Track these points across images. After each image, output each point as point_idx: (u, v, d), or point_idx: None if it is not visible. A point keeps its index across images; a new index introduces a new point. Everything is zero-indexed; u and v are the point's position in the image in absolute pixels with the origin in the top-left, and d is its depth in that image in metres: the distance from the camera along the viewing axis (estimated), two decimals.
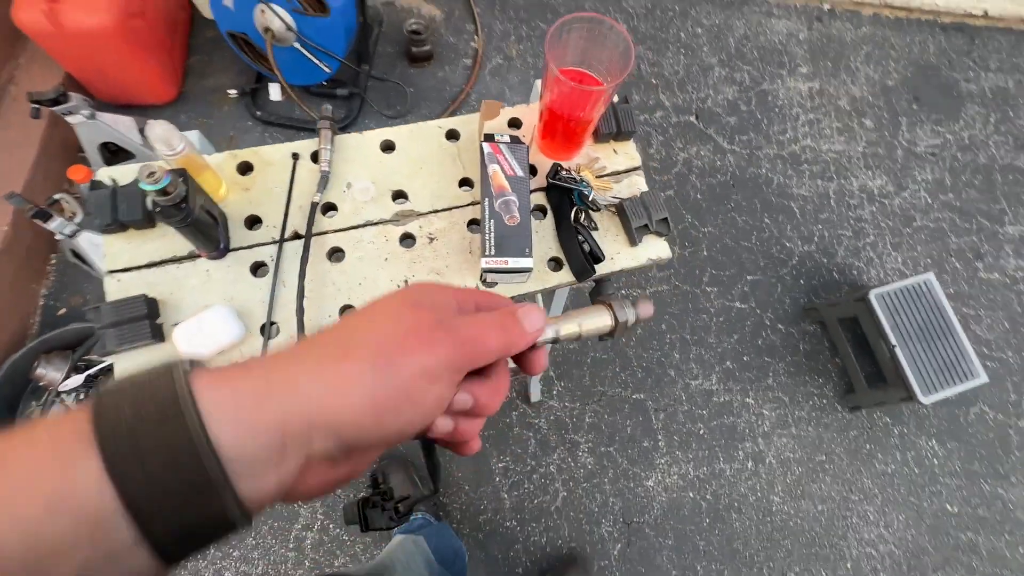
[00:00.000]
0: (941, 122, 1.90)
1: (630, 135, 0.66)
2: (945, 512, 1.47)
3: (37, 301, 1.31)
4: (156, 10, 1.35)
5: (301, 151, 0.62)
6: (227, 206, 0.58)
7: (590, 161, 0.65)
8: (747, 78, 1.85)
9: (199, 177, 0.53)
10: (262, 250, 0.58)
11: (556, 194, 0.62)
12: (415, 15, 1.68)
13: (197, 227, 0.50)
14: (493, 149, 0.58)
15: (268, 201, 0.59)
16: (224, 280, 0.56)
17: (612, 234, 0.64)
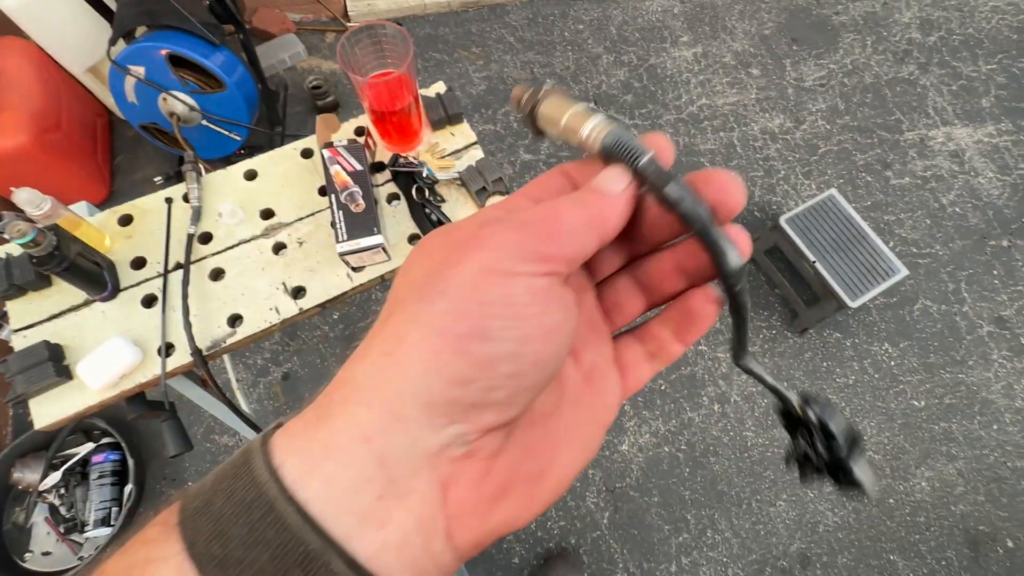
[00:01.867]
0: (822, 55, 2.04)
1: (460, 117, 0.75)
2: (913, 409, 1.52)
3: (7, 411, 1.37)
4: (71, 121, 1.46)
5: (173, 195, 0.70)
6: (114, 254, 0.66)
7: (431, 147, 0.74)
8: (634, 58, 1.98)
9: (78, 232, 0.61)
10: (150, 284, 0.65)
11: (403, 180, 0.71)
12: (315, 73, 1.80)
13: (78, 272, 0.58)
14: (332, 153, 0.67)
15: (150, 243, 0.67)
16: (119, 317, 0.63)
17: (461, 203, 0.72)
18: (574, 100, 0.21)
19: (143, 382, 0.61)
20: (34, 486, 1.25)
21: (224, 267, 0.67)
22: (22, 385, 0.56)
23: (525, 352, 0.17)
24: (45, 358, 0.57)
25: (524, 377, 0.17)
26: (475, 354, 0.16)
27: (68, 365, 0.60)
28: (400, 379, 0.16)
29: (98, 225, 0.66)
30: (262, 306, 0.65)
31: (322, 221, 0.70)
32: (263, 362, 1.45)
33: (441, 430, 0.16)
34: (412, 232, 0.69)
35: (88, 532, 1.21)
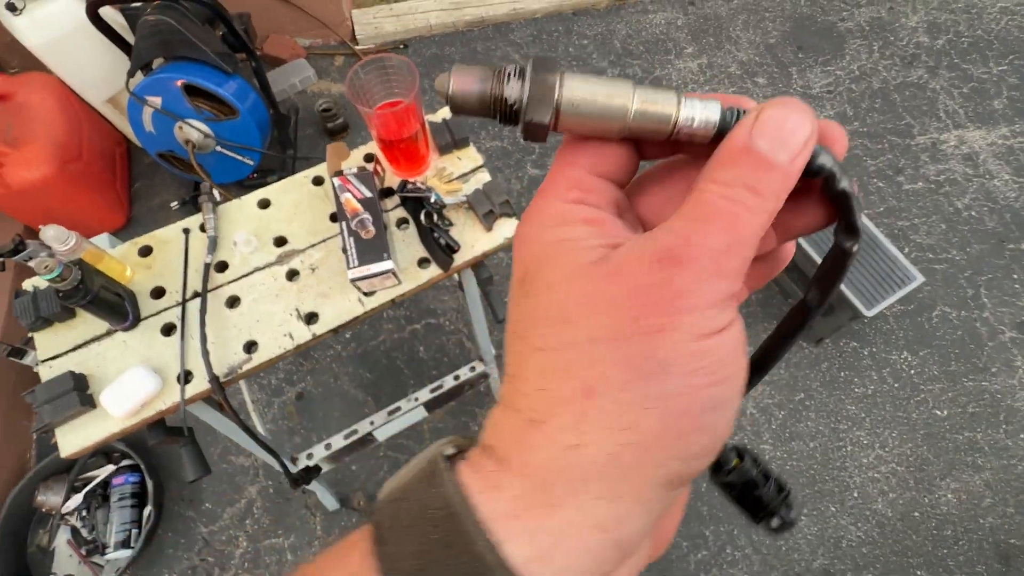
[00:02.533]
0: (829, 62, 2.03)
1: (466, 141, 0.76)
2: (936, 418, 1.49)
3: (31, 436, 1.40)
4: (92, 151, 1.51)
5: (191, 225, 0.72)
6: (134, 284, 0.68)
7: (438, 171, 0.75)
8: (639, 70, 2.00)
9: (100, 265, 0.63)
10: (169, 313, 0.67)
11: (411, 205, 0.72)
12: (325, 96, 1.84)
13: (101, 304, 0.60)
14: (343, 181, 0.68)
15: (169, 273, 0.69)
16: (140, 346, 0.65)
17: (470, 226, 0.73)
18: (600, 78, 0.17)
19: (163, 409, 0.62)
20: (57, 509, 1.27)
21: (240, 295, 0.68)
22: (49, 415, 0.58)
23: (740, 392, 0.17)
24: (70, 388, 0.59)
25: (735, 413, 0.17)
26: (712, 424, 0.16)
27: (92, 394, 0.62)
28: (642, 467, 0.15)
29: (119, 257, 0.68)
30: (276, 332, 0.66)
31: (333, 247, 0.71)
32: (277, 382, 1.47)
33: (669, 496, 0.16)
34: (421, 256, 0.71)
35: (109, 554, 1.23)
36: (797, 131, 0.16)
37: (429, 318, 1.56)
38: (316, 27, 1.92)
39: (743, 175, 0.16)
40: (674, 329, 0.15)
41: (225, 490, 1.34)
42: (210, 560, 1.28)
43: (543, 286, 0.17)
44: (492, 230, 0.72)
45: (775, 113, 0.16)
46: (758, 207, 0.15)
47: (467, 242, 0.71)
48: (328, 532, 1.30)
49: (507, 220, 0.73)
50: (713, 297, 0.15)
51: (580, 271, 0.16)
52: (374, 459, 1.38)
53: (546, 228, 0.18)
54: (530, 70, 0.17)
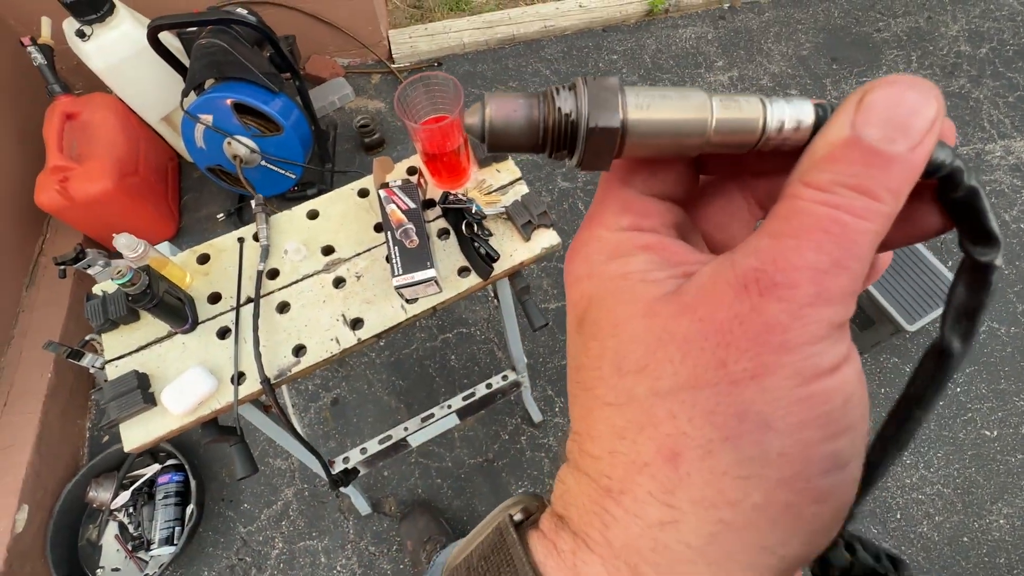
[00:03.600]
0: (864, 72, 2.00)
1: (505, 155, 0.79)
2: (985, 439, 1.42)
3: (84, 434, 1.47)
4: (147, 166, 1.60)
5: (245, 235, 0.76)
6: (192, 290, 0.72)
7: (478, 183, 0.78)
8: (668, 84, 2.00)
9: (164, 271, 0.68)
10: (224, 318, 0.71)
11: (452, 215, 0.75)
12: (362, 112, 1.91)
13: (165, 308, 0.64)
14: (388, 193, 0.71)
15: (224, 279, 0.73)
16: (197, 347, 0.69)
17: (508, 236, 0.75)
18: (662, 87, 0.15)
19: (217, 408, 0.65)
20: (106, 505, 1.33)
21: (289, 301, 0.72)
22: (115, 411, 0.62)
23: (865, 443, 0.14)
24: (134, 386, 0.63)
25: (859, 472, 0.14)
26: (832, 490, 0.13)
27: (153, 392, 0.66)
28: (747, 550, 0.13)
29: (180, 264, 0.73)
30: (323, 337, 0.69)
31: (378, 256, 0.74)
32: (314, 388, 1.52)
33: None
34: (461, 265, 0.73)
35: (153, 551, 1.28)
36: (920, 112, 0.12)
37: (461, 327, 1.58)
38: (355, 47, 2.00)
39: (848, 173, 0.12)
40: (772, 373, 0.12)
41: (263, 492, 1.38)
42: (247, 560, 1.32)
43: (608, 328, 0.14)
44: (530, 240, 0.74)
45: (886, 93, 0.12)
46: (871, 211, 0.12)
47: (506, 252, 0.73)
48: (360, 536, 1.33)
49: (545, 231, 0.75)
50: (819, 329, 0.12)
51: (650, 308, 0.14)
52: (406, 465, 1.41)
53: (601, 262, 0.15)
54: (584, 81, 0.14)
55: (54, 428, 1.37)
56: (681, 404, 0.13)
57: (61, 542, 1.28)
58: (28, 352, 1.42)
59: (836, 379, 0.13)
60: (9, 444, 1.30)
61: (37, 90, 1.52)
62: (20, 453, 1.29)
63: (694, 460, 0.13)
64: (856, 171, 0.12)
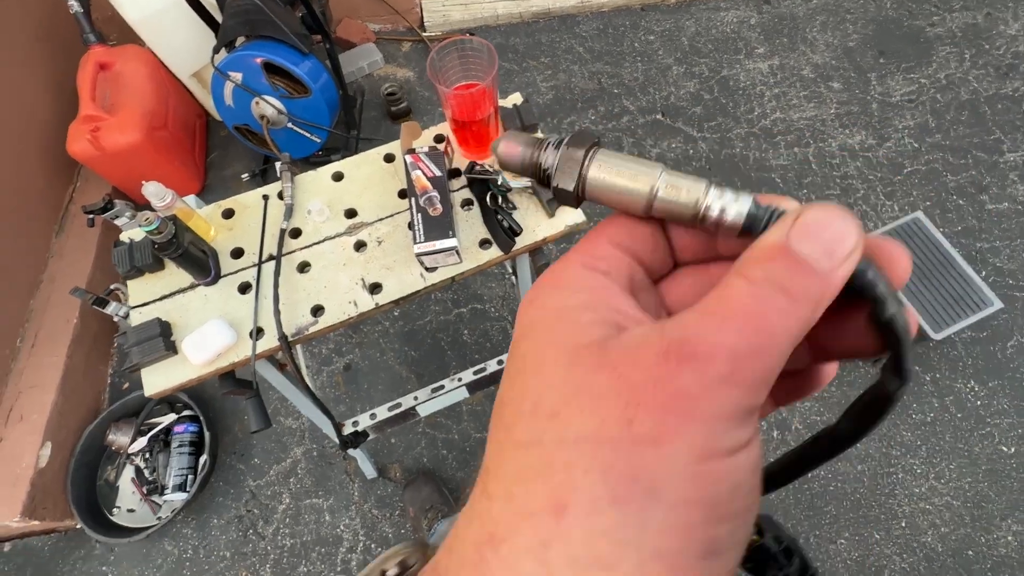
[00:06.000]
0: (912, 69, 1.92)
1: (535, 127, 0.77)
2: (1001, 455, 1.39)
3: (105, 380, 1.52)
4: (176, 121, 1.61)
5: (270, 192, 0.76)
6: (216, 244, 0.73)
7: None
8: (706, 69, 1.95)
9: (190, 223, 0.68)
10: (246, 273, 0.71)
11: (477, 186, 0.74)
12: (390, 80, 1.89)
13: (189, 258, 0.65)
14: (414, 159, 0.71)
15: (248, 235, 0.74)
16: (218, 300, 0.70)
17: (532, 211, 0.74)
18: (633, 158, 0.17)
19: (235, 361, 0.66)
20: (124, 448, 1.38)
21: (310, 261, 0.72)
22: (137, 355, 0.63)
23: (748, 533, 0.14)
24: (157, 333, 0.64)
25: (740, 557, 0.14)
26: (704, 572, 0.13)
27: (174, 341, 0.67)
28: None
29: (205, 217, 0.73)
30: (342, 299, 0.70)
31: (400, 222, 0.74)
32: (327, 352, 1.54)
33: None
34: (483, 237, 0.72)
35: (167, 495, 1.32)
36: (842, 239, 0.14)
37: (475, 303, 1.59)
38: (387, 12, 1.97)
39: (777, 274, 0.13)
40: (672, 440, 0.12)
41: (273, 449, 1.42)
42: (255, 512, 1.36)
43: (533, 367, 0.15)
44: (554, 216, 0.73)
45: (818, 215, 0.14)
46: (790, 312, 0.13)
47: (529, 227, 0.72)
48: (365, 498, 1.36)
49: (570, 209, 0.73)
50: (726, 407, 0.13)
51: (575, 355, 0.14)
52: (413, 434, 1.43)
53: (551, 291, 0.16)
54: (566, 141, 0.18)
55: (78, 371, 1.42)
56: (580, 455, 0.13)
57: (80, 480, 1.33)
58: (56, 297, 1.46)
59: (729, 463, 0.13)
60: (36, 384, 1.35)
61: (72, 38, 1.53)
62: (46, 393, 1.34)
63: (579, 515, 0.13)
64: (784, 275, 0.14)
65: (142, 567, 1.34)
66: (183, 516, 1.35)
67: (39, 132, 1.53)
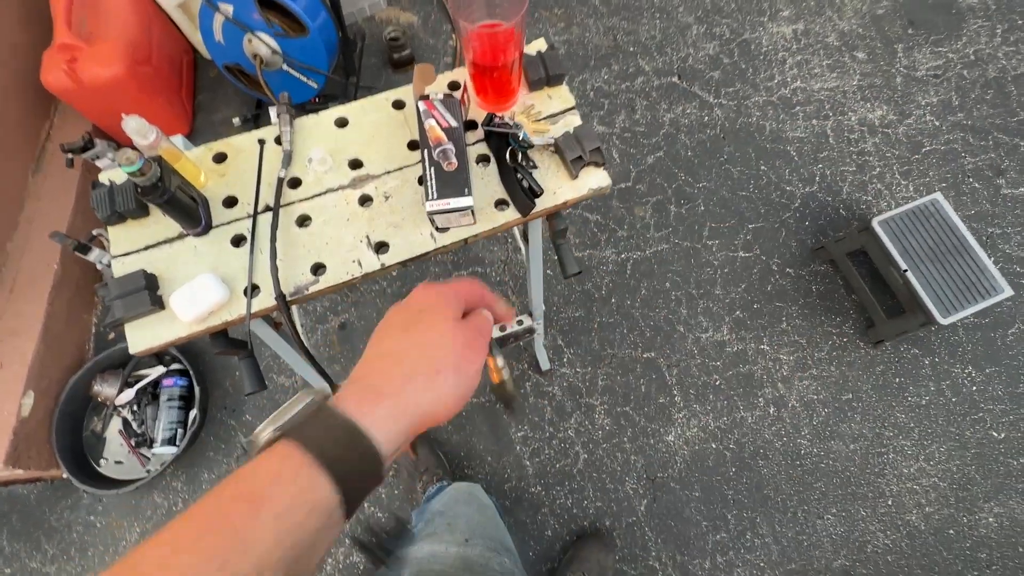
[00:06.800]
0: (941, 42, 1.83)
1: (561, 79, 0.71)
2: (991, 439, 1.41)
3: (90, 328, 1.47)
4: (160, 56, 1.50)
5: (266, 136, 0.70)
6: (207, 191, 0.67)
7: (526, 108, 0.70)
8: (727, 31, 1.84)
9: (177, 166, 0.62)
10: (240, 224, 0.66)
11: (495, 141, 0.67)
12: (393, 24, 1.77)
13: (177, 205, 0.59)
14: (428, 106, 0.64)
15: (242, 183, 0.67)
16: (209, 253, 0.64)
17: (553, 171, 0.68)
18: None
19: (228, 320, 0.62)
20: (111, 400, 1.34)
21: (311, 214, 0.66)
22: (120, 310, 0.58)
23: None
24: (142, 286, 0.59)
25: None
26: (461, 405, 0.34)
27: (161, 295, 0.62)
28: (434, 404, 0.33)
29: (194, 160, 0.67)
30: (345, 258, 0.64)
31: (409, 177, 0.68)
32: (322, 310, 1.49)
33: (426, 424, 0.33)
34: (499, 197, 0.67)
35: (156, 449, 1.30)
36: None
37: (476, 266, 1.54)
38: None
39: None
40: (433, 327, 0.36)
41: (265, 405, 1.39)
42: None
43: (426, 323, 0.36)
44: (577, 178, 0.67)
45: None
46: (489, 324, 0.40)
47: (549, 188, 0.67)
48: None
49: (595, 170, 0.68)
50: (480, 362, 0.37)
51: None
52: None
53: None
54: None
55: (60, 319, 1.36)
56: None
57: (66, 431, 1.30)
58: (35, 240, 1.39)
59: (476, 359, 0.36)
60: (16, 331, 1.29)
61: None
62: (27, 340, 1.29)
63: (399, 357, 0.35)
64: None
65: (131, 518, 1.32)
66: (173, 470, 1.34)
67: (11, 59, 1.41)
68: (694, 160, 1.68)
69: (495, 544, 0.69)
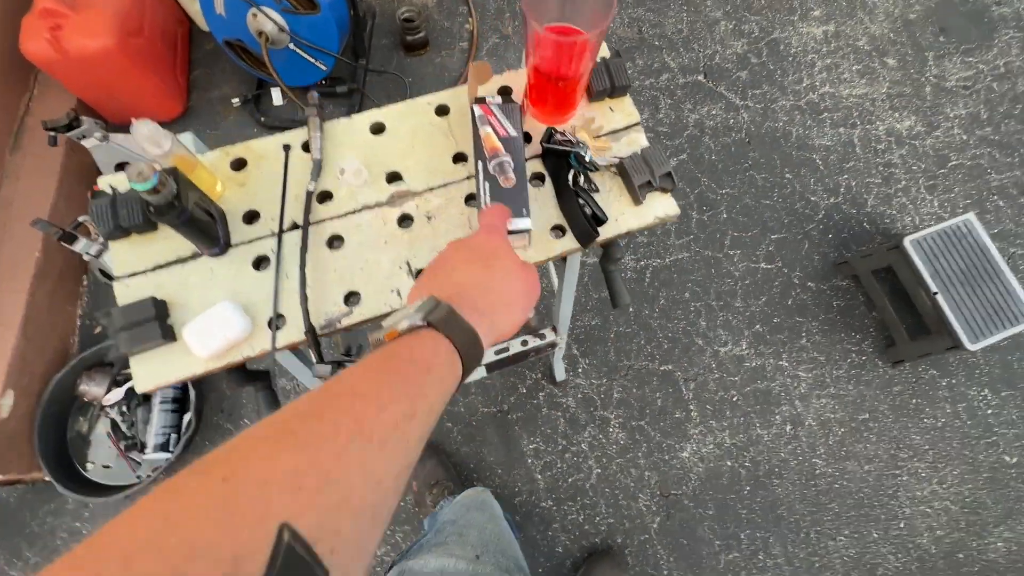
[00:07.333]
0: (972, 52, 1.78)
1: (625, 90, 0.63)
2: (1003, 463, 1.40)
3: (74, 321, 1.37)
4: (153, 27, 1.37)
5: (292, 142, 0.61)
6: (224, 203, 0.58)
7: (586, 122, 0.62)
8: (756, 28, 1.76)
9: (192, 175, 0.54)
10: (262, 244, 0.58)
11: (552, 159, 0.60)
12: (407, 3, 1.65)
13: (194, 225, 0.51)
14: (484, 111, 0.56)
15: (264, 194, 0.59)
16: (227, 276, 0.56)
17: (615, 195, 0.61)
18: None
19: (250, 356, 0.54)
20: (98, 400, 1.26)
21: (343, 234, 0.59)
22: (126, 344, 0.50)
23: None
24: (151, 316, 0.51)
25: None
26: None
27: (172, 325, 0.54)
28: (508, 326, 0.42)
29: (209, 166, 0.58)
30: (382, 285, 0.57)
31: (454, 194, 0.61)
32: None
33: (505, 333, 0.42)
34: (556, 222, 0.60)
35: (148, 455, 1.22)
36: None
37: None
38: None
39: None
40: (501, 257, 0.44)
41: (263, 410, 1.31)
42: None
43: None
44: (642, 203, 0.60)
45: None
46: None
47: (611, 214, 0.60)
48: None
49: (661, 196, 0.61)
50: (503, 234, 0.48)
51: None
52: None
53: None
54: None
55: (42, 311, 1.26)
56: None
57: (49, 432, 1.21)
58: (13, 225, 1.28)
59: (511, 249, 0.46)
60: None
61: None
62: (6, 334, 1.19)
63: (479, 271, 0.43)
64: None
65: None
66: (165, 476, 1.26)
67: None
68: (718, 165, 1.61)
69: (507, 562, 0.65)
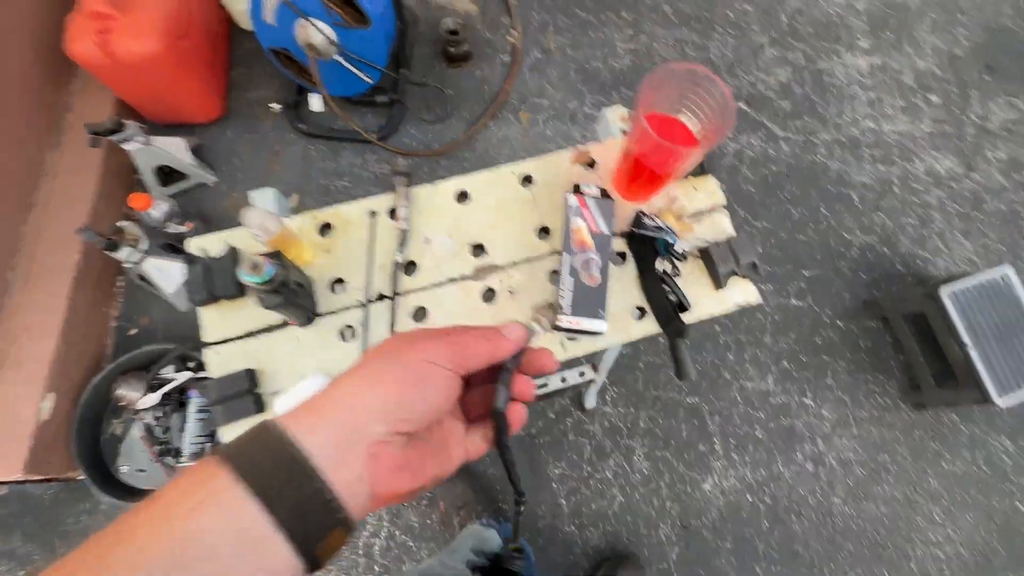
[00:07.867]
0: (1017, 93, 1.76)
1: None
2: (1017, 512, 1.42)
3: (109, 324, 1.37)
4: (199, 29, 1.35)
5: (378, 208, 0.61)
6: (311, 269, 0.59)
7: (669, 201, 0.62)
8: (801, 57, 1.74)
9: (289, 251, 0.54)
10: (347, 315, 0.58)
11: (638, 242, 0.60)
12: (450, 11, 1.63)
13: (293, 304, 0.51)
14: (580, 203, 0.56)
15: (349, 261, 0.60)
16: (313, 345, 0.57)
17: (695, 277, 0.61)
18: None
19: None
20: (133, 403, 1.27)
21: (428, 307, 0.59)
22: (222, 418, 0.51)
23: (435, 407, 0.29)
24: (245, 389, 0.52)
25: (428, 414, 0.29)
26: (410, 400, 0.28)
27: (261, 394, 0.54)
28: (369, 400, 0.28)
29: (297, 231, 0.58)
30: None
31: (538, 271, 0.61)
32: None
33: (375, 426, 0.27)
34: (637, 304, 0.60)
35: (183, 463, 1.24)
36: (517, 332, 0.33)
37: None
38: None
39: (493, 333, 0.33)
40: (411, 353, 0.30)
41: None
42: None
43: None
44: (723, 288, 0.61)
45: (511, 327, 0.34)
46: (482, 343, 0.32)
47: (690, 297, 0.60)
48: None
49: (742, 282, 0.61)
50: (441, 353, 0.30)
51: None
52: None
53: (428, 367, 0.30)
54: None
55: (81, 314, 1.27)
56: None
57: (86, 431, 1.23)
58: (52, 226, 1.27)
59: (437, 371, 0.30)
60: (33, 327, 1.19)
61: None
62: (46, 337, 1.20)
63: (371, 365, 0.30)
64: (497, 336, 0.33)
65: None
66: None
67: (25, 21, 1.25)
68: (755, 196, 1.61)
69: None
